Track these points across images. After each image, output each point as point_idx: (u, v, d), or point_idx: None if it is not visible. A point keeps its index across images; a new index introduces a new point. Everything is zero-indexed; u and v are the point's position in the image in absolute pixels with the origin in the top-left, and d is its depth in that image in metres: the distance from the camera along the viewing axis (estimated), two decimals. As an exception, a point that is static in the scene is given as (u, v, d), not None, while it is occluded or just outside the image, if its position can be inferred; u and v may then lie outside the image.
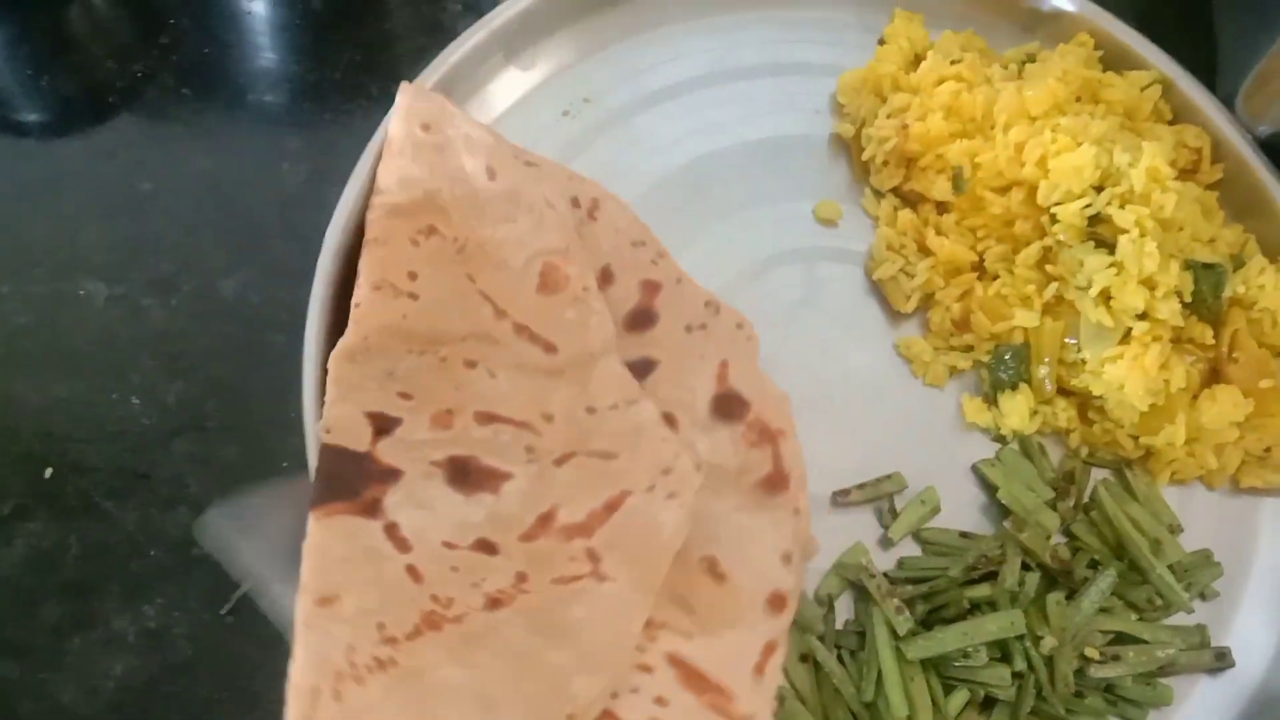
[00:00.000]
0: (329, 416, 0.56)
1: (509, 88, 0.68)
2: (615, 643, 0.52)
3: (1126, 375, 0.59)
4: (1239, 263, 0.64)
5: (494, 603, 0.51)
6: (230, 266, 0.64)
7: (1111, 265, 0.60)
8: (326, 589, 0.50)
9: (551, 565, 0.53)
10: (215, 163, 0.67)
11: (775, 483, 0.60)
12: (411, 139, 0.63)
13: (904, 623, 0.56)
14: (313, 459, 0.55)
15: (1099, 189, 0.61)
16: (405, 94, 0.63)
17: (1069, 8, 0.71)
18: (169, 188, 0.66)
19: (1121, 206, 0.60)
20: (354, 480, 0.54)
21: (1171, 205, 0.60)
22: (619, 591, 0.52)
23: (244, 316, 0.63)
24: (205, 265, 0.64)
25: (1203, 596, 0.61)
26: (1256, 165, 0.67)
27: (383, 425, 0.56)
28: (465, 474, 0.56)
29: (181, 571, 0.58)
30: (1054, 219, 0.61)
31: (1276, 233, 0.66)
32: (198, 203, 0.66)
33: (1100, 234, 0.61)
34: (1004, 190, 0.63)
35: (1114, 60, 0.70)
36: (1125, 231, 0.59)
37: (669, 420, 0.60)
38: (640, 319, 0.63)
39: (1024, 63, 0.70)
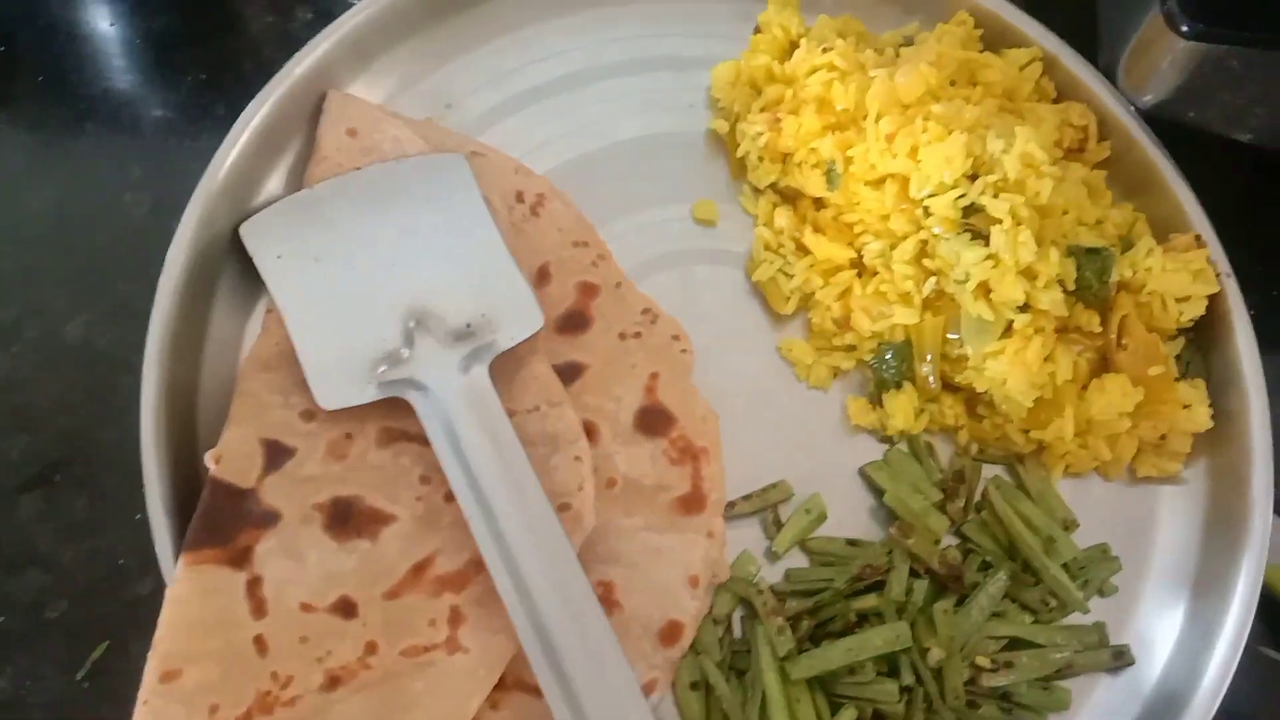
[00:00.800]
0: (224, 440, 0.55)
1: (369, 92, 0.65)
2: (450, 720, 0.50)
3: (1009, 370, 0.57)
4: (1128, 244, 0.62)
5: (332, 681, 0.50)
6: (74, 308, 0.61)
7: (988, 257, 0.57)
8: (173, 660, 0.50)
9: (407, 630, 0.52)
10: (55, 198, 0.63)
11: (691, 503, 0.59)
12: (338, 144, 0.63)
13: (784, 643, 0.54)
14: (154, 506, 0.52)
15: (974, 178, 0.59)
16: (332, 101, 0.63)
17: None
18: (6, 227, 0.63)
19: (995, 195, 0.57)
20: (231, 523, 0.54)
21: (1048, 191, 0.58)
22: (467, 666, 0.51)
23: (91, 361, 0.60)
24: (48, 308, 0.61)
25: (1101, 593, 0.59)
26: (1143, 140, 0.65)
27: (275, 456, 0.55)
28: (346, 518, 0.55)
29: (34, 637, 0.56)
30: (928, 212, 0.59)
31: (1167, 209, 0.64)
32: (38, 242, 0.62)
33: (975, 225, 0.58)
34: (878, 184, 0.61)
35: (995, 38, 0.68)
36: (998, 221, 0.57)
37: (589, 430, 0.59)
38: (573, 321, 0.62)
39: (901, 46, 0.67)
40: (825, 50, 0.64)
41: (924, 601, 0.56)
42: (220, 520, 0.52)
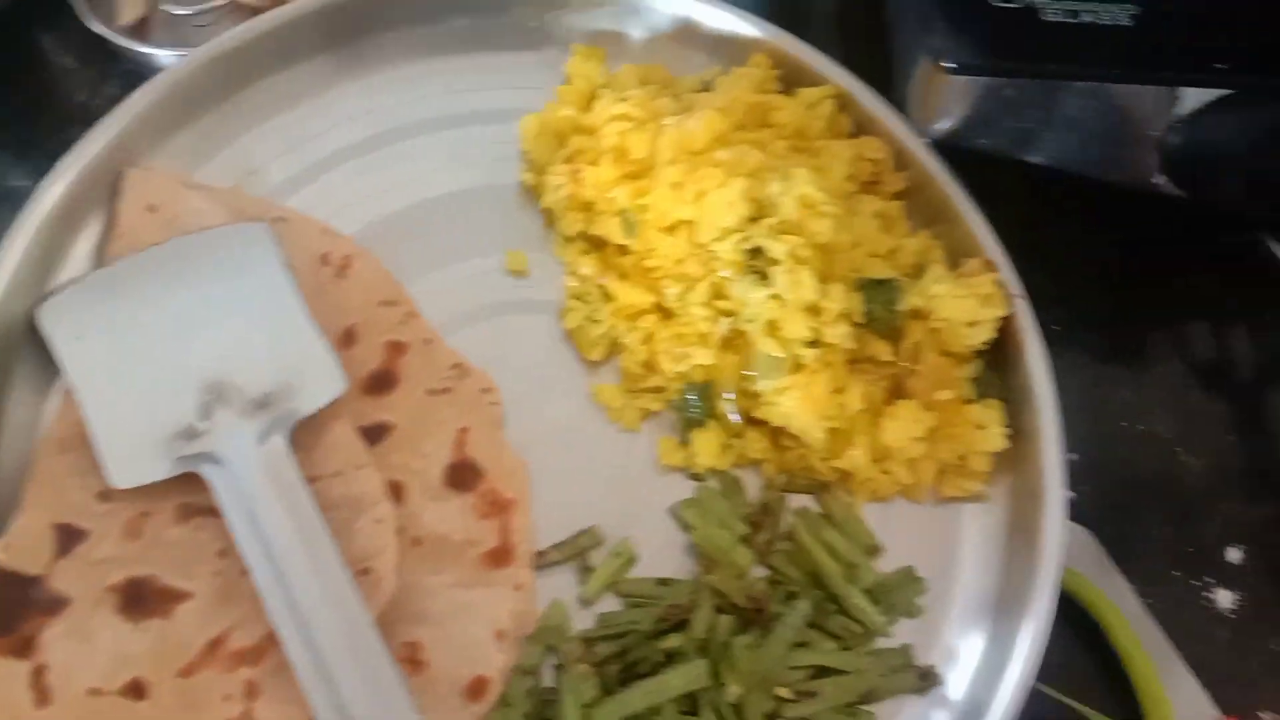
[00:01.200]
0: (12, 529, 0.55)
1: (169, 166, 0.65)
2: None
3: (797, 404, 0.59)
4: (922, 273, 0.64)
5: (119, 766, 0.50)
6: None
7: (773, 297, 0.59)
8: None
9: (200, 708, 0.52)
10: None
11: (500, 557, 0.59)
12: (137, 220, 0.63)
13: (587, 689, 0.55)
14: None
15: (759, 220, 0.60)
16: (130, 177, 0.63)
17: (748, 31, 0.70)
18: None
19: (777, 237, 0.59)
20: (15, 612, 0.54)
21: (828, 230, 0.59)
22: (263, 738, 0.52)
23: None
24: None
25: (908, 614, 0.61)
26: (935, 170, 0.66)
27: (67, 541, 0.55)
28: (139, 599, 0.55)
29: None
30: (715, 255, 0.60)
31: (962, 235, 0.66)
32: None
33: (760, 266, 0.60)
34: (671, 230, 0.62)
35: (794, 78, 0.69)
36: (779, 263, 0.58)
37: (396, 489, 0.59)
38: (380, 381, 0.62)
39: (700, 91, 0.69)
40: (622, 100, 0.65)
41: (729, 637, 0.57)
42: (4, 610, 0.52)
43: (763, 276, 0.60)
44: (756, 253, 0.60)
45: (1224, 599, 0.65)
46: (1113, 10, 0.61)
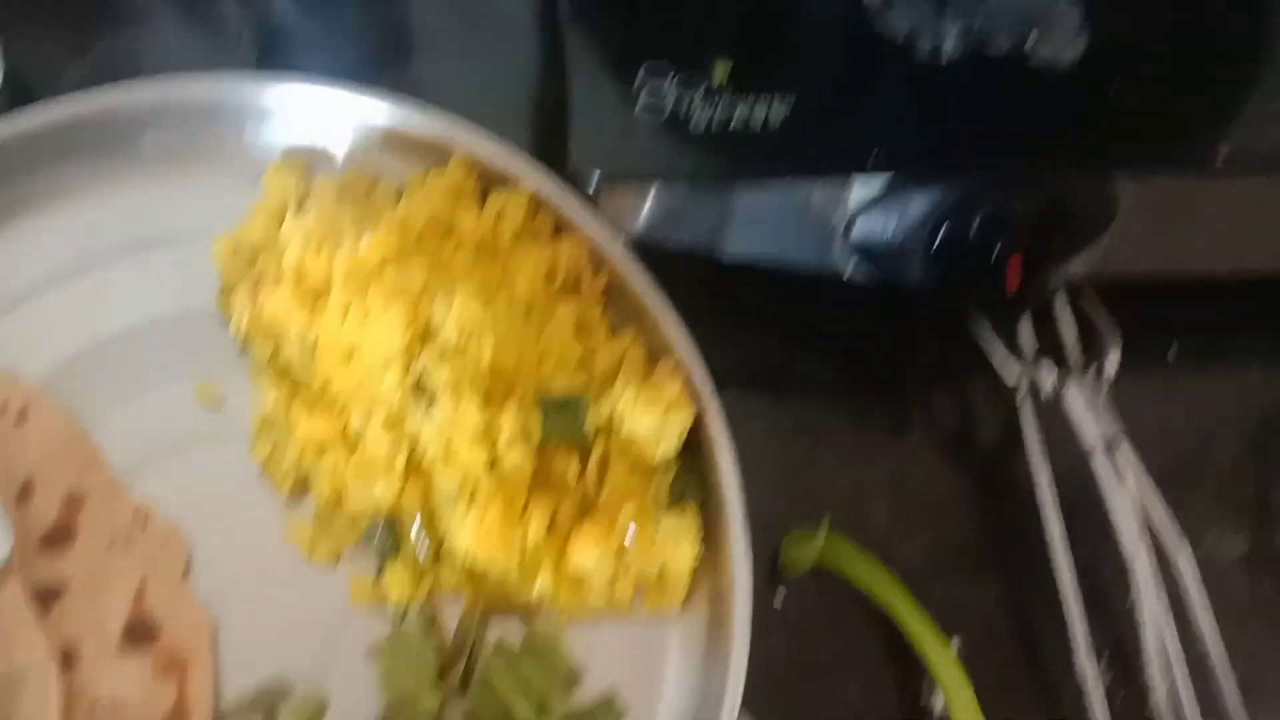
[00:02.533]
0: None
1: None
2: None
3: (473, 537, 0.57)
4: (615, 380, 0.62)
5: None
6: None
7: (441, 424, 0.57)
8: None
9: None
10: None
11: (178, 717, 0.57)
12: None
13: None
14: None
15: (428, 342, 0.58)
16: None
17: (450, 134, 0.68)
18: None
19: (438, 364, 0.57)
20: None
21: (489, 354, 0.57)
22: None
23: None
24: None
25: (608, 744, 0.59)
26: (630, 269, 0.65)
27: None
28: None
29: None
30: (385, 382, 0.58)
31: (660, 336, 0.64)
32: None
33: (430, 392, 0.58)
34: (346, 357, 0.60)
35: (497, 180, 0.67)
36: (438, 390, 0.57)
37: (70, 654, 0.57)
38: (57, 537, 0.60)
39: (398, 200, 0.67)
40: (302, 216, 0.63)
41: (406, 788, 0.55)
42: None
43: (431, 403, 0.58)
44: (422, 378, 0.58)
45: (939, 701, 0.64)
46: (763, 113, 0.60)
